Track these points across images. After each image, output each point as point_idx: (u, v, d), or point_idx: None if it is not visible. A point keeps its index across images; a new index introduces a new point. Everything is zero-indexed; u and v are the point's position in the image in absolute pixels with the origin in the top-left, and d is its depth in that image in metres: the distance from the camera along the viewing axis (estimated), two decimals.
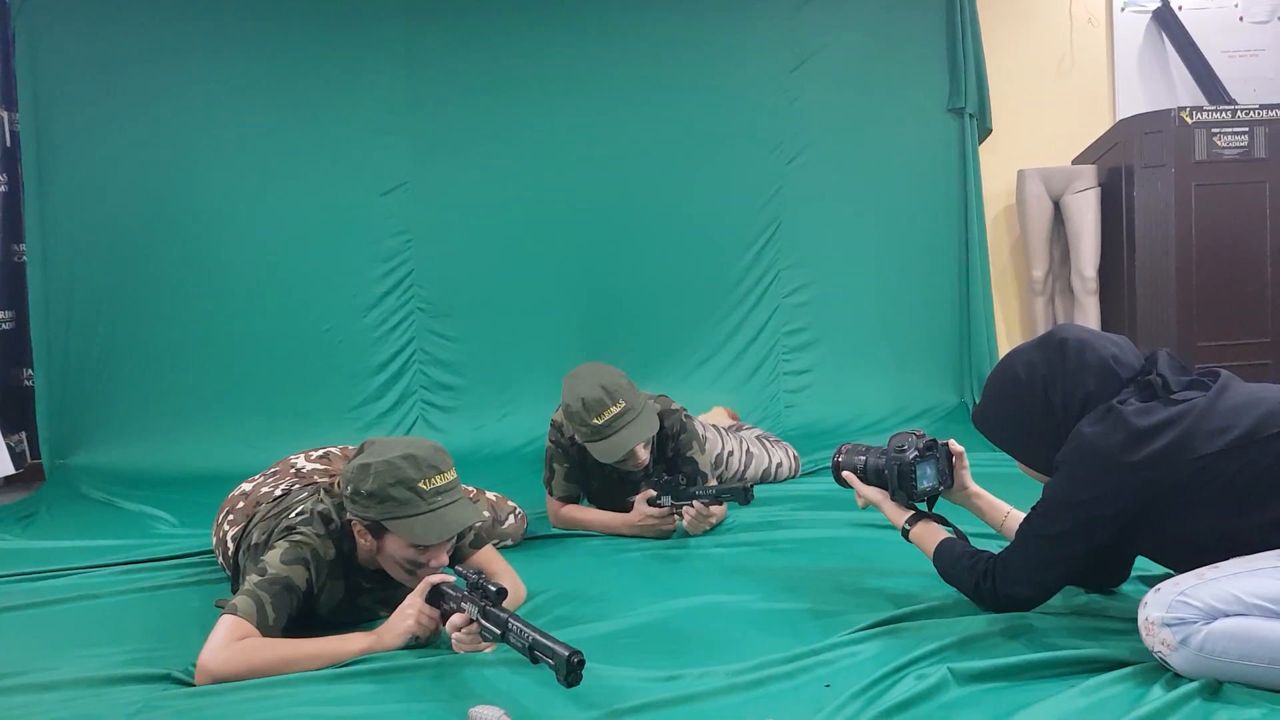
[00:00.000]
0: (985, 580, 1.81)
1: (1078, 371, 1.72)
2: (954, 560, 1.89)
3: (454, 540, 1.92)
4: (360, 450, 1.93)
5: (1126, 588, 1.99)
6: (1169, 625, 1.53)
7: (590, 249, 4.55)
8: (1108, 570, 1.95)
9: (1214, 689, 1.49)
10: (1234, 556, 1.57)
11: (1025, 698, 1.52)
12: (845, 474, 2.09)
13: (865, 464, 2.07)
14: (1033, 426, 1.77)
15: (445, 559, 1.88)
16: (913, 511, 2.02)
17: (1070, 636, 1.74)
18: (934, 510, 2.05)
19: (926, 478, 1.98)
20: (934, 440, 2.02)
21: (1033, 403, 1.76)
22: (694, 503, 2.58)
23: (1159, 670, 1.55)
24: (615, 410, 2.55)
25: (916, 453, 1.97)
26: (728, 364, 4.51)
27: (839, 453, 2.13)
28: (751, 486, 2.54)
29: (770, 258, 4.68)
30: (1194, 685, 1.48)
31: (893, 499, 2.03)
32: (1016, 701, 1.51)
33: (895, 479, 1.99)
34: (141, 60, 4.28)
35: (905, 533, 2.01)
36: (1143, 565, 2.00)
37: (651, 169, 4.58)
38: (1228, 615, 1.50)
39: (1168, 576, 1.66)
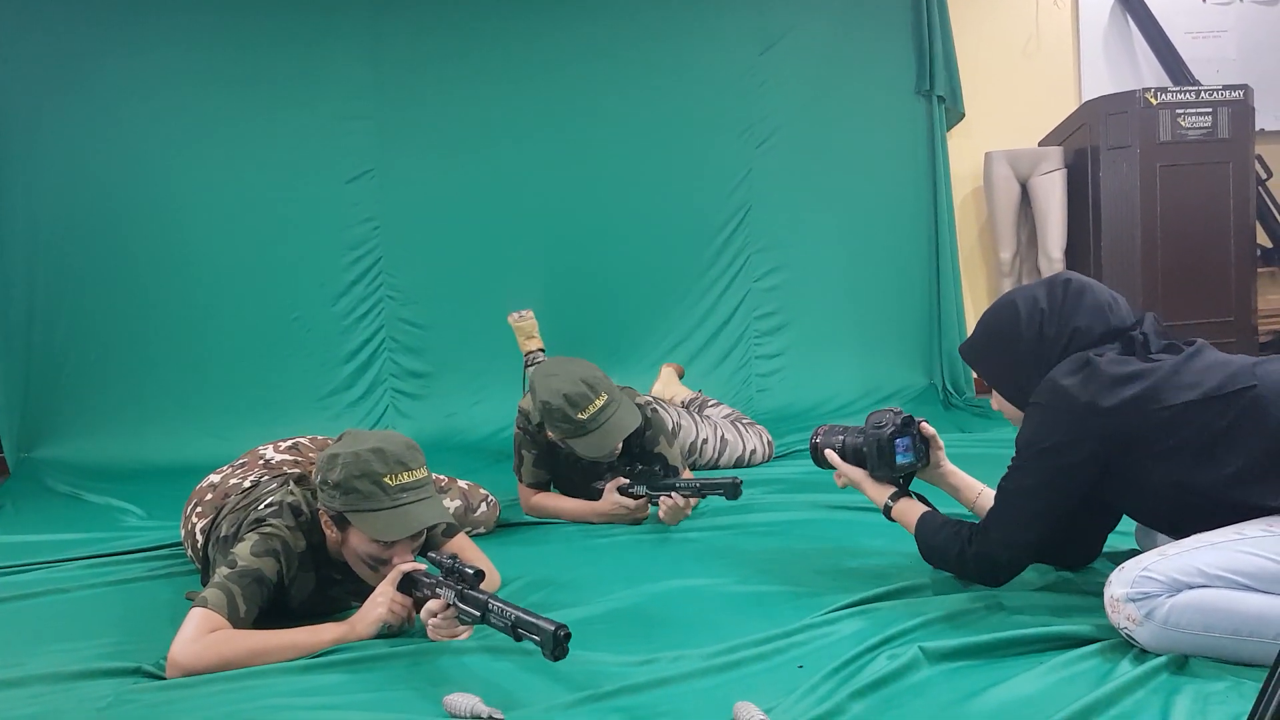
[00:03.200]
0: (969, 546, 1.82)
1: (1072, 307, 1.77)
2: (935, 530, 1.90)
3: (421, 539, 1.90)
4: (338, 440, 1.92)
5: (1094, 565, 2.01)
6: (1133, 600, 1.55)
7: (560, 234, 4.53)
8: (1080, 544, 1.97)
9: (1180, 663, 1.51)
10: (1195, 510, 1.61)
11: (996, 675, 1.54)
12: (828, 453, 2.09)
13: (843, 444, 2.08)
14: (1020, 357, 1.80)
15: (410, 557, 1.86)
16: (894, 490, 2.02)
17: (1039, 614, 1.76)
18: (910, 489, 2.06)
19: (905, 453, 2.00)
20: (910, 417, 2.03)
21: (1027, 332, 1.79)
22: (673, 494, 2.55)
23: (1127, 646, 1.58)
24: (600, 404, 2.52)
25: (894, 429, 1.98)
26: (699, 348, 4.52)
27: (816, 434, 2.14)
28: (740, 482, 2.48)
29: (740, 242, 4.69)
30: (1161, 660, 1.50)
31: (872, 476, 2.03)
32: (987, 679, 1.53)
33: (875, 455, 2.00)
34: (100, 48, 4.21)
35: (887, 510, 2.02)
36: (1110, 543, 2.02)
37: (620, 154, 4.57)
38: (1191, 588, 1.52)
39: (1134, 554, 1.68)
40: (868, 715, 1.42)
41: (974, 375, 4.77)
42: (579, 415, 2.52)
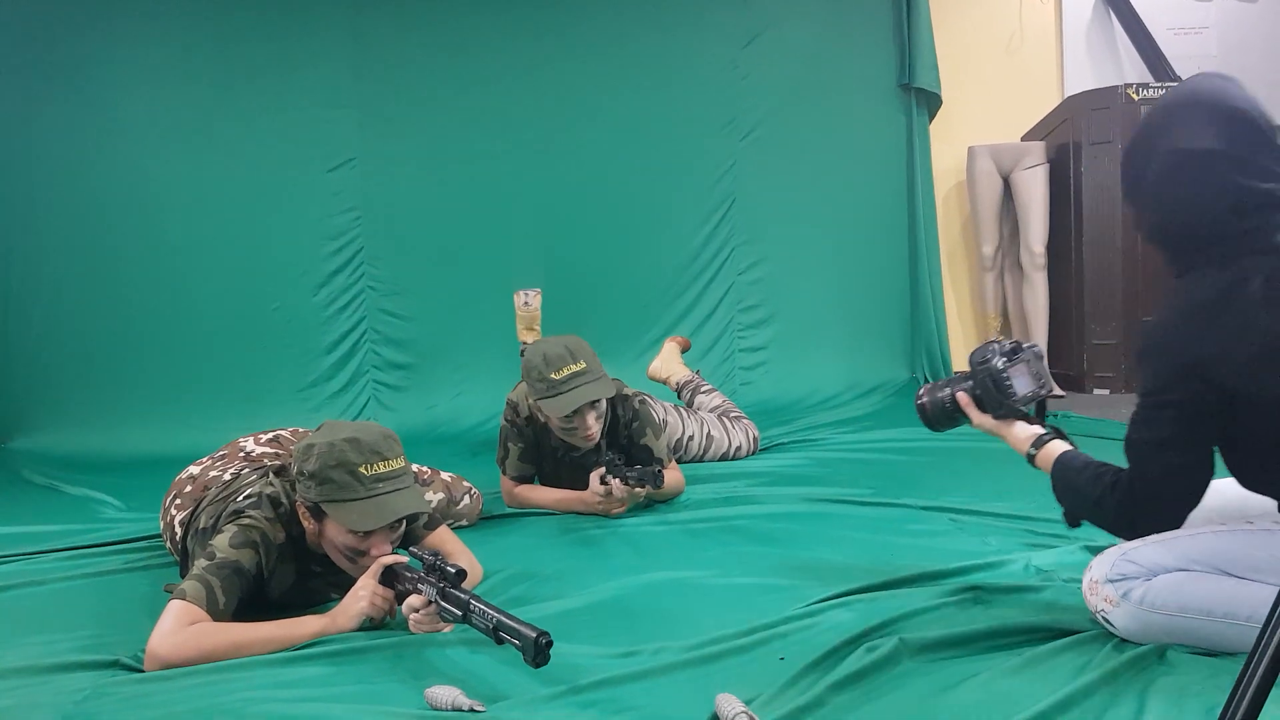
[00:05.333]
0: (1110, 493, 1.57)
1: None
2: (1076, 471, 1.64)
3: (401, 530, 1.89)
4: (315, 431, 1.91)
5: (1074, 559, 2.02)
6: (1112, 581, 1.57)
7: (543, 226, 4.53)
8: None
9: (1158, 655, 1.52)
10: None
11: (975, 667, 1.54)
12: (960, 395, 1.81)
13: (952, 395, 1.83)
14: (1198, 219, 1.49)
15: (388, 549, 1.85)
16: (1039, 434, 1.74)
17: (1019, 607, 1.77)
18: (1055, 427, 1.77)
19: (1022, 383, 1.75)
20: (1020, 343, 1.79)
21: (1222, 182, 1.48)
22: (614, 480, 2.60)
23: (1105, 638, 1.59)
24: (575, 368, 2.55)
25: (1004, 358, 1.75)
26: None
27: (921, 395, 1.88)
28: (659, 471, 2.57)
29: (725, 235, 4.69)
30: (1139, 651, 1.51)
31: (995, 418, 1.78)
32: (966, 671, 1.53)
33: (991, 391, 1.76)
34: (81, 40, 4.18)
35: (1030, 459, 1.74)
36: (1091, 537, 2.03)
37: (604, 146, 4.56)
38: (1169, 571, 1.54)
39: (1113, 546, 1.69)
40: (848, 707, 1.43)
41: (955, 370, 4.79)
42: (552, 374, 2.55)
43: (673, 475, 2.79)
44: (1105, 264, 4.53)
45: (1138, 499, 1.54)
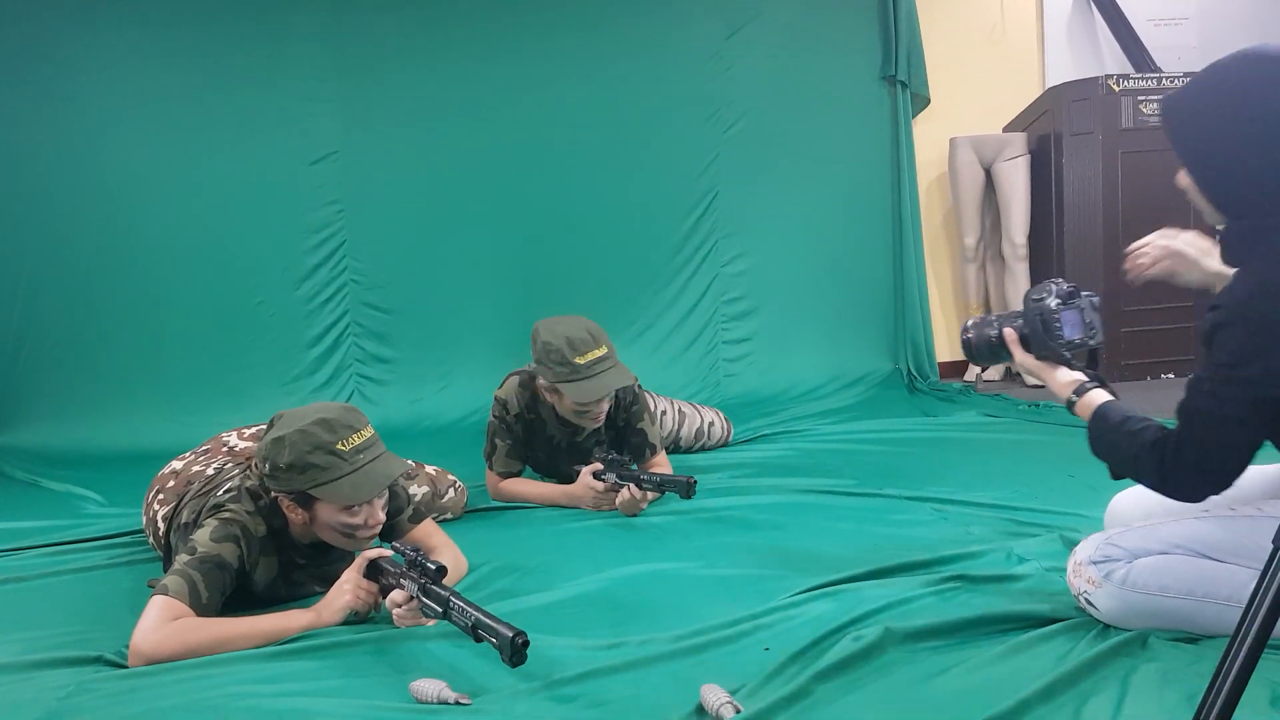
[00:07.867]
0: (1152, 452, 1.50)
1: None
2: (1114, 426, 1.58)
3: (388, 497, 1.90)
4: (271, 425, 1.90)
5: (1055, 547, 2.04)
6: (1095, 563, 1.59)
7: (527, 218, 4.51)
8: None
9: (1141, 642, 1.54)
10: None
11: (960, 656, 1.56)
12: (1007, 332, 1.76)
13: (999, 332, 1.79)
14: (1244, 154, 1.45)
15: (382, 515, 1.87)
16: (1081, 382, 1.68)
17: (1002, 596, 1.79)
18: (1100, 378, 1.71)
19: (1072, 327, 1.71)
20: (1076, 288, 1.74)
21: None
22: (630, 485, 2.54)
23: (1088, 626, 1.60)
24: (600, 353, 2.58)
25: (1058, 300, 1.71)
26: (667, 333, 4.52)
27: (968, 329, 1.85)
28: (694, 481, 2.43)
29: (708, 227, 4.68)
30: (1122, 638, 1.53)
31: (1038, 358, 1.73)
32: (951, 660, 1.54)
33: (1040, 330, 1.71)
34: (53, 26, 4.13)
35: (1070, 405, 1.68)
36: (1070, 526, 2.05)
37: (588, 138, 4.54)
38: (1152, 554, 1.56)
39: None
40: (833, 696, 1.44)
41: (938, 361, 4.81)
42: (576, 359, 2.55)
43: (664, 466, 2.80)
44: (1086, 253, 4.55)
45: (1183, 464, 1.47)
